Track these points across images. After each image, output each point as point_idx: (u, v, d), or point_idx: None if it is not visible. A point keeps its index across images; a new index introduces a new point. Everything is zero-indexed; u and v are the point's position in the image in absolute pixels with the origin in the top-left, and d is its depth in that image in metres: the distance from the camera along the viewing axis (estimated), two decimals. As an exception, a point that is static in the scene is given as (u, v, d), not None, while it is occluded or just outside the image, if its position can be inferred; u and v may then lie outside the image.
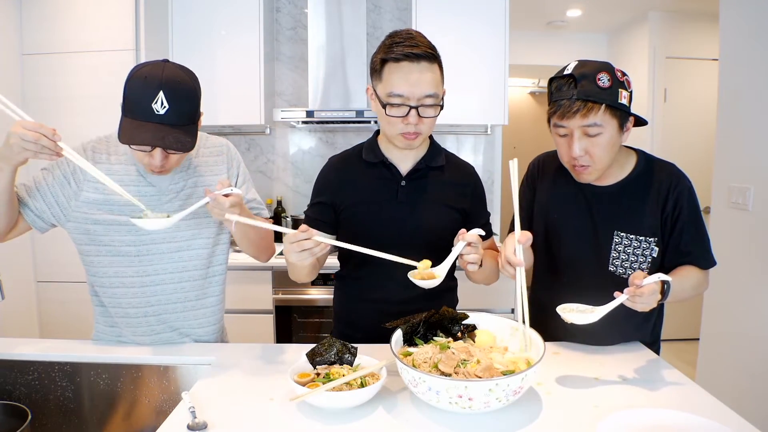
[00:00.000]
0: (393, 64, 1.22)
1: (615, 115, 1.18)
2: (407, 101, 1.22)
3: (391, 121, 1.26)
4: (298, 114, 2.78)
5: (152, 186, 1.30)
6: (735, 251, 2.38)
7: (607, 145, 1.21)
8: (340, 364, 1.11)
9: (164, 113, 1.13)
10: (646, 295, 1.07)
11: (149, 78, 1.13)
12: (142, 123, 1.13)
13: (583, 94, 1.16)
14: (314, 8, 2.89)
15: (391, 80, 1.23)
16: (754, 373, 2.26)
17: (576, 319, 1.12)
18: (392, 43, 1.23)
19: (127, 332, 1.37)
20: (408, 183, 1.36)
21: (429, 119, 1.26)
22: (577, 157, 1.22)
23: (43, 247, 2.71)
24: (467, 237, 1.17)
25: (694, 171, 1.44)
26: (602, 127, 1.18)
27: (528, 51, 4.33)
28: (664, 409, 1.00)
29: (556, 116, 1.21)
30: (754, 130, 2.31)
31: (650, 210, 1.29)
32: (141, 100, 1.12)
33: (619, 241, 1.31)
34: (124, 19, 2.60)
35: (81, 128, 2.62)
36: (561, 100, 1.19)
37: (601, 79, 1.16)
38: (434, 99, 1.24)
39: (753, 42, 2.32)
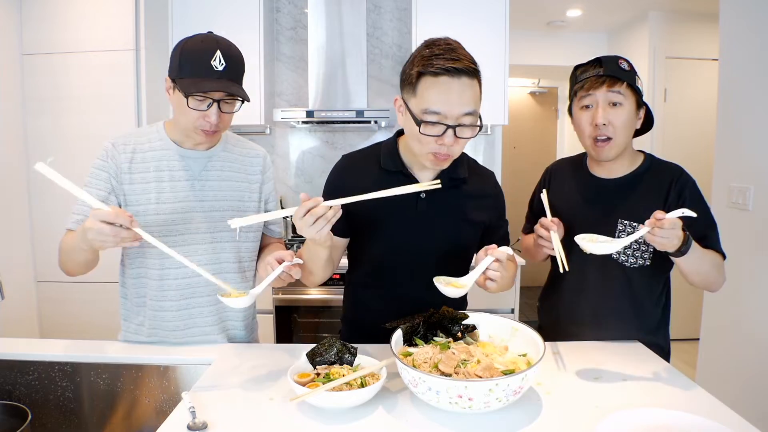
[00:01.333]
0: (431, 78, 1.11)
1: (634, 93, 1.32)
2: (444, 119, 1.11)
3: (424, 140, 1.15)
4: (298, 114, 2.78)
5: (187, 170, 1.34)
6: (735, 251, 2.37)
7: (627, 119, 1.32)
8: (340, 364, 1.11)
9: (222, 69, 1.22)
10: (667, 228, 1.09)
11: (205, 40, 1.23)
12: (203, 78, 1.21)
13: (609, 71, 1.32)
14: (314, 8, 2.89)
15: (427, 96, 1.11)
16: (754, 373, 2.26)
17: (595, 249, 1.14)
18: (431, 55, 1.11)
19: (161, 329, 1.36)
20: (428, 195, 1.28)
21: (464, 140, 1.16)
22: (600, 125, 1.32)
23: (43, 247, 2.71)
24: (496, 253, 1.13)
25: (694, 171, 1.45)
26: (623, 98, 1.31)
27: (528, 51, 4.33)
28: (664, 409, 0.99)
29: (583, 89, 1.35)
30: (754, 130, 2.31)
31: (652, 200, 1.35)
32: (200, 58, 1.21)
33: (623, 229, 1.36)
34: (124, 19, 2.60)
35: (81, 128, 2.64)
36: (588, 77, 1.34)
37: (622, 64, 1.33)
38: (473, 118, 1.14)
39: (753, 42, 2.32)
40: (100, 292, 2.64)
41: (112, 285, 2.85)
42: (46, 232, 2.69)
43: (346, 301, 1.51)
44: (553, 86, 5.49)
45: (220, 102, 1.24)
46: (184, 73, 1.22)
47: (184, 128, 1.29)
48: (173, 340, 1.36)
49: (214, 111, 1.24)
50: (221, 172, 1.38)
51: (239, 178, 1.40)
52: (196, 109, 1.23)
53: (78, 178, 2.88)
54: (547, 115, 5.55)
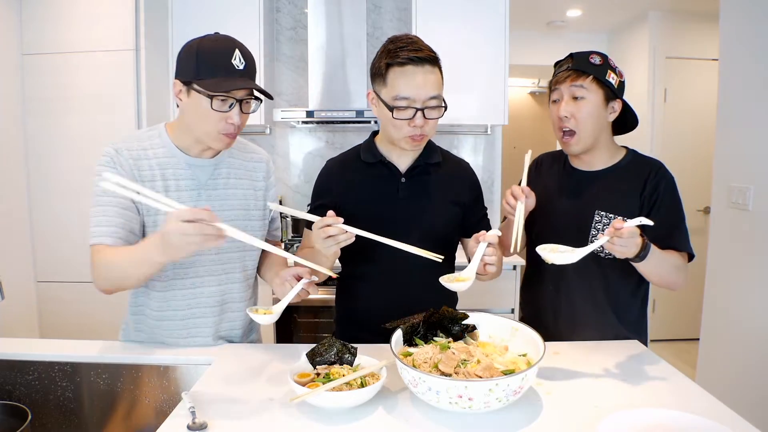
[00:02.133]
0: (398, 68, 1.25)
1: (600, 87, 1.35)
2: (413, 103, 1.26)
3: (398, 124, 1.28)
4: (298, 114, 2.78)
5: (193, 179, 1.30)
6: (735, 251, 2.38)
7: (591, 113, 1.36)
8: (340, 364, 1.11)
9: (243, 68, 1.20)
10: (625, 237, 1.12)
11: (221, 39, 1.20)
12: (226, 77, 1.17)
13: (576, 66, 1.37)
14: (314, 8, 2.89)
15: (396, 84, 1.25)
16: (754, 373, 2.26)
17: (556, 260, 1.16)
18: (396, 48, 1.25)
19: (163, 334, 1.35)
20: (408, 180, 1.39)
21: (433, 120, 1.30)
22: (562, 117, 1.37)
23: (43, 247, 2.71)
24: (488, 238, 1.18)
25: (694, 171, 1.46)
26: (587, 92, 1.35)
27: (528, 51, 4.33)
28: (664, 409, 0.99)
29: (552, 84, 1.41)
30: (754, 130, 2.31)
31: (630, 193, 1.39)
32: (221, 58, 1.17)
33: (599, 220, 1.39)
34: (124, 19, 2.60)
35: (81, 128, 2.64)
36: (559, 72, 1.41)
37: (593, 58, 1.37)
38: (438, 100, 1.28)
39: (753, 42, 2.32)
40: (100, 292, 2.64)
41: (112, 285, 2.82)
42: (46, 232, 2.69)
43: (338, 296, 1.54)
44: (553, 86, 5.50)
45: (242, 102, 1.20)
46: (203, 74, 1.17)
47: (204, 133, 1.22)
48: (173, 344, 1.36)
49: (236, 112, 1.20)
50: (227, 180, 1.34)
51: (244, 185, 1.38)
52: (219, 111, 1.18)
53: (78, 178, 2.89)
54: (547, 115, 5.55)
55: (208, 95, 1.16)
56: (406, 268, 1.36)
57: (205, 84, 1.16)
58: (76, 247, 2.63)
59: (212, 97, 1.16)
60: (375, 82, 1.32)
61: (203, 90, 1.16)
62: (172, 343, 1.34)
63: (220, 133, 1.22)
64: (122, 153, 1.25)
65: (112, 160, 1.24)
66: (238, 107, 1.20)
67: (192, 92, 1.19)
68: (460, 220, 1.44)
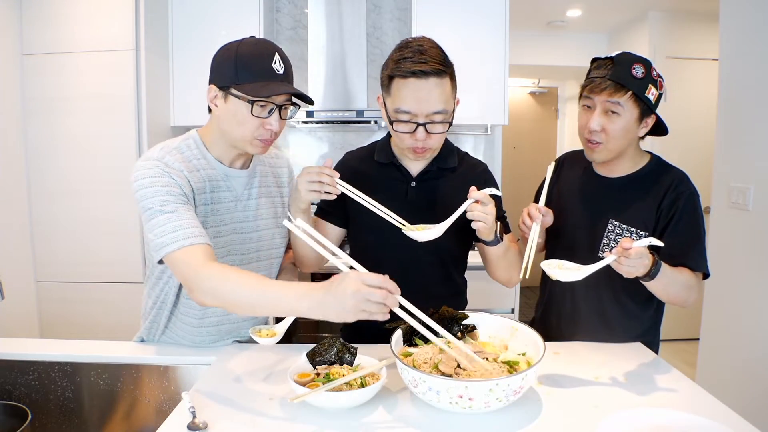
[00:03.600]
0: (400, 80, 1.19)
1: (638, 104, 1.26)
2: (415, 118, 1.20)
3: (400, 135, 1.25)
4: (298, 114, 2.78)
5: (230, 191, 1.27)
6: (735, 251, 2.38)
7: (623, 129, 1.28)
8: (340, 364, 1.11)
9: (282, 72, 1.16)
10: (633, 258, 1.08)
11: (260, 43, 1.17)
12: (269, 81, 1.14)
13: (615, 76, 1.25)
14: (314, 8, 2.89)
15: (398, 96, 1.20)
16: (754, 373, 2.26)
17: (561, 276, 1.14)
18: (400, 58, 1.19)
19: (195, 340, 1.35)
20: (418, 184, 1.37)
21: (438, 135, 1.24)
22: (593, 131, 1.29)
23: (43, 247, 2.71)
24: (475, 194, 1.16)
25: (694, 171, 1.45)
26: (623, 109, 1.26)
27: (528, 51, 4.33)
28: (664, 409, 1.00)
29: (586, 89, 1.31)
30: (754, 130, 2.31)
31: (647, 205, 1.33)
32: (262, 62, 1.14)
33: (612, 229, 1.36)
34: (124, 19, 2.60)
35: (81, 128, 2.63)
36: (595, 77, 1.29)
37: (635, 69, 1.26)
38: (443, 115, 1.21)
39: (753, 42, 2.32)
40: (100, 292, 2.64)
41: (113, 285, 2.86)
42: (46, 232, 2.69)
43: None
44: (553, 86, 5.49)
45: (281, 108, 1.18)
46: (243, 78, 1.12)
47: (240, 139, 1.19)
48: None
49: (276, 118, 1.17)
50: (259, 189, 1.34)
51: (274, 192, 1.38)
52: (258, 117, 1.15)
53: (78, 178, 2.87)
54: (547, 115, 5.55)
55: (248, 100, 1.13)
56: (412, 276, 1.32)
57: (245, 89, 1.12)
58: (76, 247, 2.64)
59: (253, 102, 1.13)
60: (382, 88, 1.28)
61: (243, 95, 1.13)
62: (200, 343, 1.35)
63: (256, 139, 1.18)
64: (173, 165, 1.16)
65: (163, 171, 1.14)
66: (278, 113, 1.17)
67: (230, 98, 1.15)
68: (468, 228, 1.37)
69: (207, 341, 1.35)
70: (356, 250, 1.45)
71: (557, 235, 1.42)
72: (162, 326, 1.35)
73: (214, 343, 1.36)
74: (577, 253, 1.39)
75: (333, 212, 1.42)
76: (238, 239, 1.30)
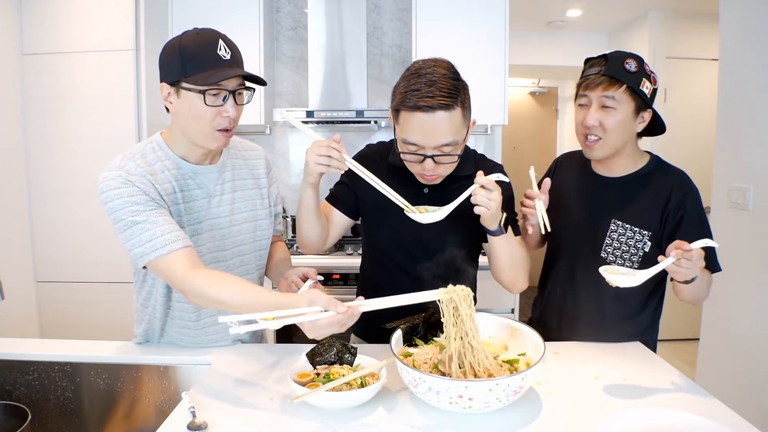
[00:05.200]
0: (407, 112, 1.15)
1: (633, 98, 1.28)
2: (422, 150, 1.17)
3: (408, 163, 1.24)
4: (299, 114, 2.78)
5: (201, 188, 1.26)
6: (735, 251, 2.37)
7: (620, 123, 1.29)
8: (340, 364, 1.11)
9: (229, 58, 1.14)
10: (694, 259, 1.05)
11: (202, 33, 1.15)
12: (217, 68, 1.12)
13: (609, 71, 1.27)
14: (314, 8, 2.89)
15: (406, 128, 1.17)
16: (754, 373, 2.26)
17: (620, 282, 1.11)
18: (407, 90, 1.15)
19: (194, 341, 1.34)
20: (431, 191, 1.34)
21: (447, 165, 1.22)
22: (590, 126, 1.30)
23: (43, 247, 2.71)
24: (480, 179, 1.13)
25: (694, 171, 1.44)
26: (618, 103, 1.27)
27: (528, 51, 4.32)
28: (664, 409, 1.00)
29: (581, 87, 1.32)
30: (754, 130, 2.31)
31: (650, 205, 1.33)
32: (206, 50, 1.12)
33: (615, 229, 1.36)
34: (124, 19, 2.60)
35: (81, 128, 2.63)
36: (590, 74, 1.31)
37: (628, 63, 1.27)
38: (452, 147, 1.18)
39: (753, 42, 2.32)
40: (100, 292, 2.64)
41: (112, 285, 2.86)
42: (46, 232, 2.69)
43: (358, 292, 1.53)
44: (553, 86, 5.49)
45: (235, 94, 1.16)
46: (191, 70, 1.11)
47: (199, 134, 1.18)
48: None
49: (231, 104, 1.15)
50: (233, 183, 1.32)
51: (250, 185, 1.37)
52: (213, 106, 1.13)
53: (78, 178, 2.88)
54: (547, 115, 5.55)
55: (199, 91, 1.12)
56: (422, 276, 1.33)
57: (194, 80, 1.11)
58: (76, 247, 2.64)
59: (204, 92, 1.12)
60: (391, 112, 1.24)
61: (194, 87, 1.12)
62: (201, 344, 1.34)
63: (215, 130, 1.17)
64: (134, 172, 1.15)
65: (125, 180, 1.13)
66: (232, 99, 1.16)
67: (182, 92, 1.14)
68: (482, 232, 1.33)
69: (207, 342, 1.35)
70: (368, 242, 1.45)
71: (558, 235, 1.42)
72: (158, 330, 1.34)
73: (215, 344, 1.35)
74: (580, 253, 1.40)
75: (343, 200, 1.41)
76: (218, 235, 1.28)
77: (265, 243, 1.41)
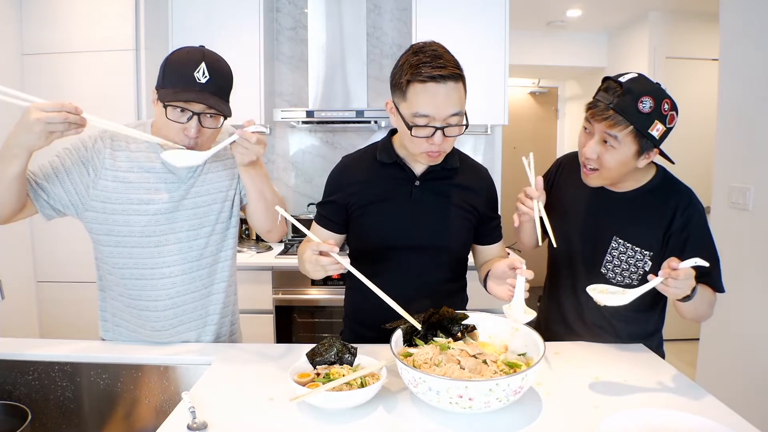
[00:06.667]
0: (419, 85, 1.18)
1: (637, 140, 1.20)
2: (433, 121, 1.20)
3: (416, 141, 1.24)
4: (298, 114, 2.78)
5: (172, 173, 1.31)
6: (735, 251, 2.37)
7: (618, 161, 1.23)
8: (340, 364, 1.11)
9: (205, 82, 1.19)
10: (681, 279, 1.05)
11: (191, 52, 1.22)
12: (184, 89, 1.18)
13: (619, 107, 1.18)
14: (314, 8, 2.89)
15: (416, 101, 1.19)
16: (754, 373, 2.26)
17: (608, 301, 1.12)
18: (418, 63, 1.19)
19: (142, 329, 1.36)
20: (422, 183, 1.37)
21: (452, 138, 1.25)
22: (587, 158, 1.26)
23: (43, 247, 2.71)
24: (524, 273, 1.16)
25: (694, 171, 1.44)
26: (620, 143, 1.20)
27: (528, 51, 4.33)
28: (664, 409, 1.00)
29: (588, 113, 1.25)
30: (754, 130, 2.31)
31: (653, 224, 1.30)
32: (184, 70, 1.18)
33: (616, 247, 1.33)
34: (124, 19, 2.60)
35: (81, 128, 2.63)
36: (600, 101, 1.22)
37: (643, 102, 1.17)
38: (459, 117, 1.22)
39: (753, 42, 2.32)
40: (100, 292, 2.64)
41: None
42: (46, 232, 2.69)
43: (347, 295, 1.55)
44: (553, 86, 5.49)
45: (201, 116, 1.20)
46: (166, 83, 1.20)
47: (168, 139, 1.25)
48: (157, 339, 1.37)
49: (193, 125, 1.20)
50: (206, 175, 1.36)
51: (220, 166, 1.38)
52: (176, 122, 1.20)
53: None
54: (547, 115, 5.55)
55: (164, 104, 1.19)
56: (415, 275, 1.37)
57: (163, 92, 1.19)
58: (75, 247, 2.63)
59: (166, 106, 1.18)
60: (394, 93, 1.26)
61: (159, 98, 1.20)
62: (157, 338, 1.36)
63: (178, 142, 1.23)
64: (105, 141, 1.29)
65: (93, 144, 1.28)
66: (197, 120, 1.20)
67: (158, 99, 1.22)
68: (473, 226, 1.41)
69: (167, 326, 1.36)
70: (360, 248, 1.45)
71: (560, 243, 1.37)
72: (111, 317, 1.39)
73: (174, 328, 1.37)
74: (581, 267, 1.38)
75: (332, 218, 1.41)
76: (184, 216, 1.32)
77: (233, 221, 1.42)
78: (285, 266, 2.67)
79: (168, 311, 1.35)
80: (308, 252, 1.15)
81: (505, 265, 1.20)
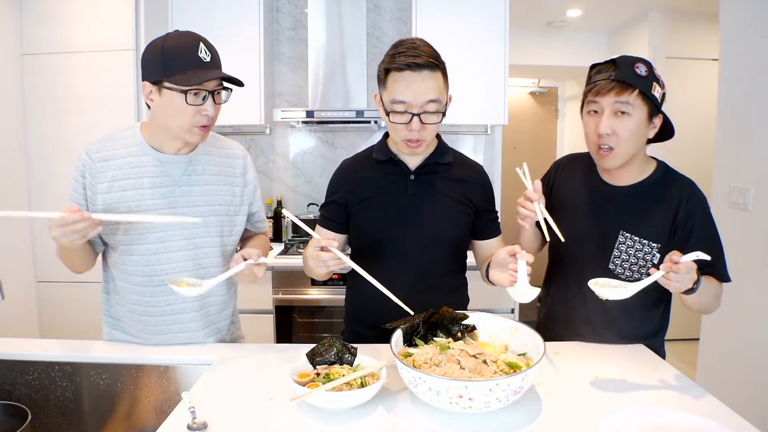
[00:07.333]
0: (396, 73, 1.26)
1: (645, 103, 1.24)
2: (410, 108, 1.26)
3: (395, 127, 1.30)
4: (298, 114, 2.78)
5: (167, 176, 1.31)
6: (735, 251, 2.37)
7: (634, 129, 1.25)
8: (340, 364, 1.11)
9: (209, 60, 1.22)
10: (682, 272, 1.06)
11: (184, 35, 1.22)
12: (198, 70, 1.19)
13: (620, 76, 1.23)
14: (314, 8, 2.89)
15: (394, 88, 1.27)
16: (754, 373, 2.26)
17: (610, 295, 1.12)
18: (395, 53, 1.27)
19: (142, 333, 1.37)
20: (417, 177, 1.40)
21: (431, 126, 1.29)
22: (603, 134, 1.26)
23: (43, 247, 2.71)
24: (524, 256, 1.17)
25: (694, 171, 1.44)
26: (632, 107, 1.23)
27: (528, 51, 4.32)
28: (664, 409, 1.00)
29: (591, 93, 1.27)
30: (754, 130, 2.31)
31: (659, 216, 1.30)
32: (187, 53, 1.19)
33: (623, 241, 1.33)
34: (124, 19, 2.60)
35: (81, 128, 2.63)
36: (599, 80, 1.26)
37: (638, 67, 1.23)
38: (437, 105, 1.27)
39: (753, 42, 2.32)
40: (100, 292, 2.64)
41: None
42: (46, 233, 2.68)
43: (347, 294, 1.56)
44: (553, 86, 5.49)
45: (214, 93, 1.23)
46: (172, 70, 1.18)
47: (179, 129, 1.24)
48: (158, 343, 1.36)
49: (210, 103, 1.23)
50: (202, 176, 1.35)
51: (221, 181, 1.38)
52: (193, 105, 1.21)
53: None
54: (547, 115, 5.55)
55: (181, 91, 1.19)
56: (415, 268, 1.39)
57: (176, 80, 1.18)
58: (76, 247, 2.63)
59: (186, 92, 1.19)
60: (379, 85, 1.34)
61: (176, 87, 1.19)
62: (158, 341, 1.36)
63: (194, 126, 1.24)
64: (92, 155, 1.28)
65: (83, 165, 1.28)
66: (211, 99, 1.23)
67: (164, 90, 1.20)
68: (470, 220, 1.43)
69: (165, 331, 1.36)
70: (359, 244, 1.47)
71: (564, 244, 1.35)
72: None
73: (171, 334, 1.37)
74: (588, 266, 1.36)
75: (333, 219, 1.45)
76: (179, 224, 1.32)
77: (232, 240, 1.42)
78: (285, 266, 2.67)
79: (167, 317, 1.35)
80: (310, 249, 1.18)
81: (505, 252, 1.20)
